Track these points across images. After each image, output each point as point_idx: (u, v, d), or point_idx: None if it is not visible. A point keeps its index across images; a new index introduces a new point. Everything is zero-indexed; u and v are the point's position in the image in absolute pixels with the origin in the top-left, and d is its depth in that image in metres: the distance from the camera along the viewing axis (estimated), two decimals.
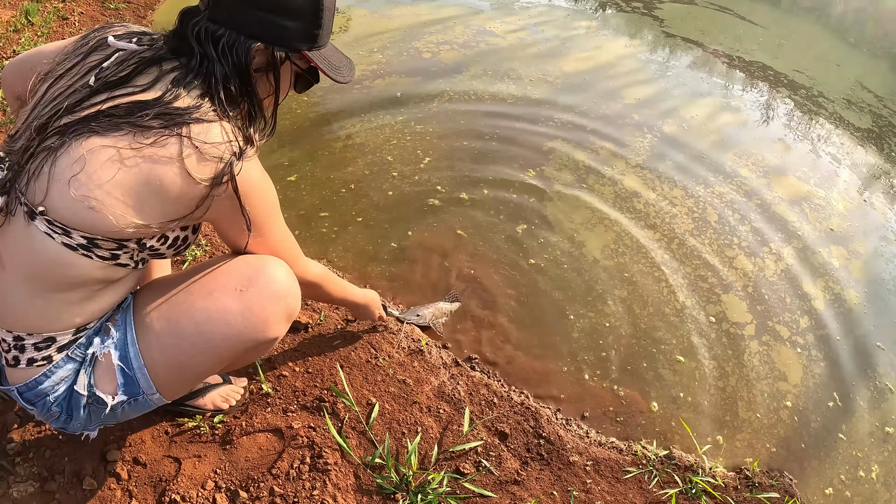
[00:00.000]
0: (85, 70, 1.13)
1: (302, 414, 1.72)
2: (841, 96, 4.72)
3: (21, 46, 3.41)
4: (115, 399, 1.23)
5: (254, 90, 1.20)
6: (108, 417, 1.28)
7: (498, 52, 4.31)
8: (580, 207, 2.94)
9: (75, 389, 1.22)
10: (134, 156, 1.04)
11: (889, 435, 2.26)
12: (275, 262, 1.27)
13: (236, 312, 1.20)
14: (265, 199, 1.24)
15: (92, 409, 1.25)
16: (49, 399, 1.22)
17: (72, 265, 1.08)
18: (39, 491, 1.51)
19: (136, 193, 1.05)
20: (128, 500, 1.53)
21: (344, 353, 1.92)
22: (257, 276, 1.23)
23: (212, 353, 1.24)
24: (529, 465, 1.76)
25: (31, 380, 1.20)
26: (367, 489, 1.59)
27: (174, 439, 1.65)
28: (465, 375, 1.97)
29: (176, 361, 1.24)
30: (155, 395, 1.26)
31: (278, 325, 1.27)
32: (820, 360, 2.46)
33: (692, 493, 1.80)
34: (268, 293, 1.23)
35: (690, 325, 2.45)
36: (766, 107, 4.33)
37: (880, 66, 5.55)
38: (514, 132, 3.43)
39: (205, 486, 1.56)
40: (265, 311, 1.23)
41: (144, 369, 1.22)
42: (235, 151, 1.11)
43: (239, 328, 1.21)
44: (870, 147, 4.12)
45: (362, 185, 2.87)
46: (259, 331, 1.23)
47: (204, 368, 1.28)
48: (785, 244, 2.98)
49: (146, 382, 1.23)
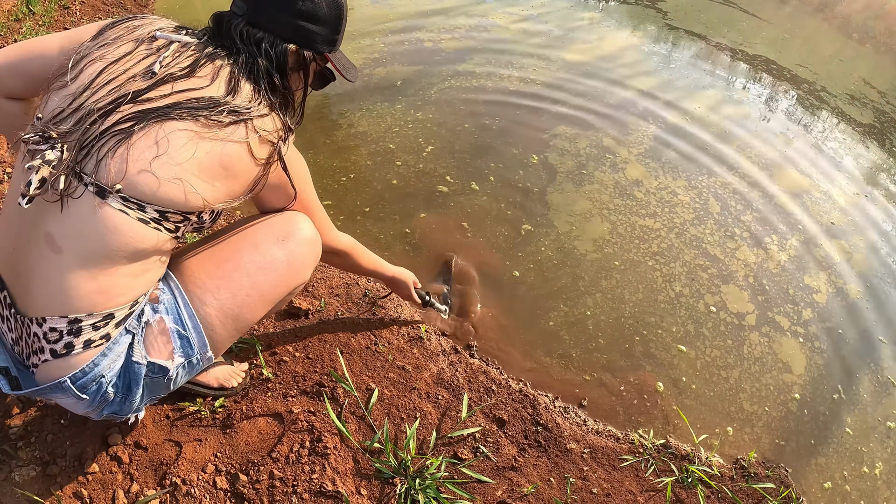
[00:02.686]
0: (140, 58, 1.20)
1: (302, 399, 1.73)
2: (844, 91, 4.72)
3: (22, 36, 3.39)
4: (175, 362, 1.30)
5: (288, 85, 1.36)
6: (163, 387, 1.34)
7: (500, 42, 4.31)
8: (581, 196, 2.95)
9: (133, 361, 1.24)
10: (210, 139, 1.17)
11: (892, 430, 2.28)
12: (301, 216, 1.46)
13: (283, 260, 1.38)
14: (302, 175, 1.45)
15: (148, 380, 1.27)
16: (105, 379, 1.22)
17: (142, 238, 1.14)
18: (41, 475, 1.51)
19: (212, 171, 1.18)
20: (129, 483, 1.54)
21: (344, 340, 1.93)
22: (292, 227, 1.42)
23: (263, 300, 1.38)
24: (527, 452, 1.78)
25: (89, 362, 1.19)
26: (366, 473, 1.61)
27: (175, 423, 1.66)
28: (463, 363, 1.98)
29: (232, 314, 1.34)
30: (208, 353, 1.34)
31: (310, 270, 1.48)
32: (823, 352, 2.48)
33: (688, 482, 1.82)
34: (303, 240, 1.43)
35: (690, 314, 2.47)
36: (768, 100, 4.34)
37: (884, 62, 5.55)
38: (516, 120, 3.44)
39: (205, 470, 1.57)
40: (304, 257, 1.43)
41: (200, 327, 1.30)
42: (283, 136, 1.28)
43: (285, 273, 1.39)
44: (871, 142, 4.13)
45: (365, 174, 2.88)
46: (301, 275, 1.44)
47: (256, 316, 1.40)
48: (787, 236, 3.00)
49: (201, 341, 1.31)
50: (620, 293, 2.50)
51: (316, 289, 2.12)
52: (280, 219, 1.44)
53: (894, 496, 2.08)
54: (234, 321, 1.36)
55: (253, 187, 1.29)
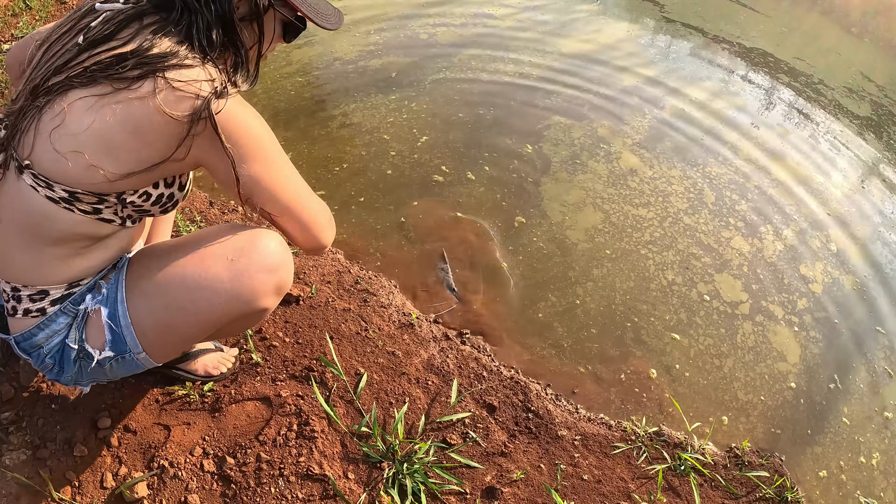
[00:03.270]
0: (75, 32, 1.14)
1: (290, 383, 1.73)
2: (841, 84, 4.70)
3: (19, 30, 3.42)
4: (102, 354, 1.26)
5: (239, 39, 1.18)
6: (96, 373, 1.31)
7: (496, 33, 4.29)
8: (574, 185, 2.94)
9: (67, 343, 1.26)
10: (109, 102, 1.05)
11: (889, 420, 2.27)
12: (268, 234, 1.29)
13: (225, 281, 1.22)
14: (252, 135, 1.17)
15: (82, 363, 1.28)
16: (43, 350, 1.27)
17: (56, 219, 1.11)
18: (31, 458, 1.53)
19: (111, 140, 1.06)
20: (117, 466, 1.55)
21: (334, 325, 1.93)
22: (250, 247, 1.25)
23: (199, 318, 1.25)
24: (517, 438, 1.77)
25: (27, 330, 1.25)
26: (354, 457, 1.60)
27: (164, 407, 1.66)
28: (454, 349, 1.97)
29: (163, 323, 1.26)
30: (141, 354, 1.28)
31: (267, 298, 1.28)
32: (818, 342, 2.47)
33: (681, 470, 1.81)
34: (259, 265, 1.24)
35: (683, 303, 2.46)
36: (765, 92, 4.32)
37: (882, 56, 5.53)
38: (511, 111, 3.43)
39: (193, 453, 1.57)
40: (254, 282, 1.24)
41: (131, 328, 1.24)
42: (215, 90, 1.09)
43: (227, 297, 1.23)
44: (868, 135, 4.11)
45: (359, 164, 2.87)
46: (246, 301, 1.25)
47: (191, 333, 1.30)
48: (783, 227, 2.99)
49: (133, 341, 1.26)
50: (612, 281, 2.50)
51: (307, 275, 2.12)
52: (240, 234, 1.28)
53: (891, 486, 2.07)
54: (166, 331, 1.28)
55: (176, 149, 1.09)
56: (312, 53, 3.78)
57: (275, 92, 3.34)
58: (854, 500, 1.99)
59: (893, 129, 4.28)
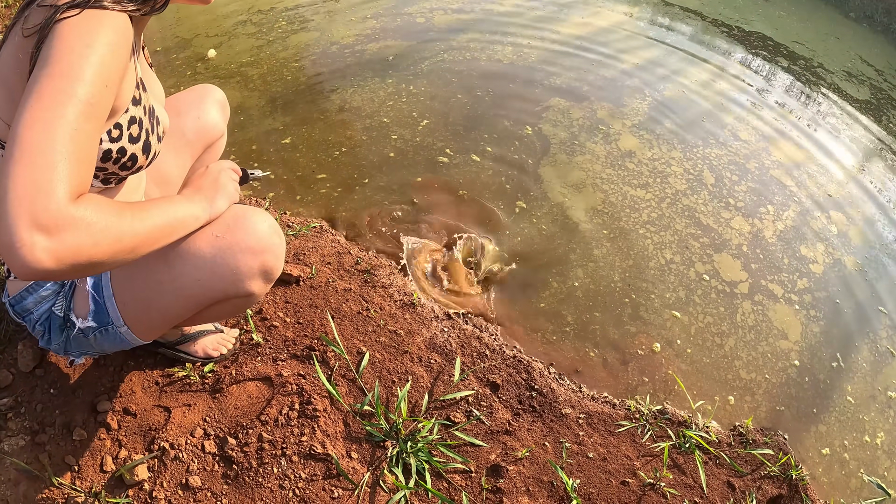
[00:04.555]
0: None
1: (292, 362, 1.70)
2: (840, 68, 4.69)
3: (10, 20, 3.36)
4: (84, 323, 1.23)
5: None
6: (82, 343, 1.29)
7: (493, 17, 4.26)
8: (574, 166, 2.93)
9: (53, 311, 1.24)
10: (9, 41, 0.94)
11: (893, 399, 2.27)
12: (258, 213, 1.21)
13: (207, 258, 1.15)
14: (69, 45, 0.86)
15: (68, 331, 1.26)
16: (33, 316, 1.26)
17: None
18: (30, 444, 1.51)
19: (8, 83, 0.94)
20: (117, 449, 1.53)
21: (335, 305, 1.90)
22: (236, 223, 1.17)
23: (179, 294, 1.20)
24: (521, 417, 1.75)
25: (18, 293, 1.24)
26: (357, 436, 1.58)
27: (164, 389, 1.64)
28: (457, 328, 1.95)
29: (143, 296, 1.21)
30: (123, 328, 1.24)
31: (252, 281, 1.21)
32: (819, 320, 2.47)
33: (685, 448, 1.80)
34: (243, 244, 1.16)
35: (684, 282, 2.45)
36: (765, 75, 4.30)
37: (880, 40, 5.51)
38: (509, 93, 3.40)
39: (193, 434, 1.55)
40: (237, 262, 1.17)
41: (113, 300, 1.21)
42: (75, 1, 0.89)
43: (207, 274, 1.16)
44: (868, 118, 4.10)
45: (361, 149, 2.85)
46: (229, 282, 1.18)
47: (172, 310, 1.24)
48: (783, 208, 2.97)
49: (115, 313, 1.22)
50: (612, 261, 2.49)
51: (308, 256, 2.09)
52: (232, 210, 1.20)
53: (895, 466, 2.07)
54: (146, 305, 1.23)
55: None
56: (309, 39, 3.75)
57: (272, 77, 3.31)
58: (858, 478, 1.99)
59: (893, 113, 4.28)
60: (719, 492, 1.74)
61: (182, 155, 1.59)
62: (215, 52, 3.56)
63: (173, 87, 3.12)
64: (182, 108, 1.58)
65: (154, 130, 1.16)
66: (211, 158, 1.70)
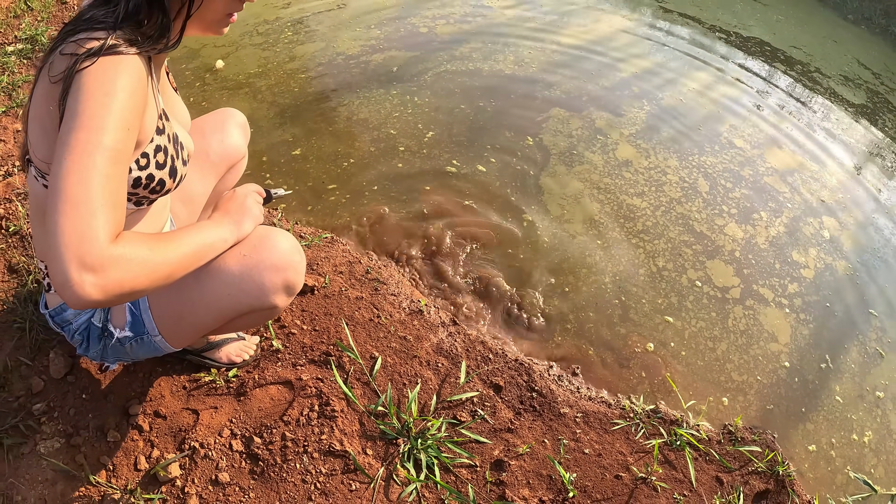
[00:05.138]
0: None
1: (310, 367, 1.88)
2: (837, 72, 4.83)
3: (22, 31, 3.48)
4: (121, 333, 1.39)
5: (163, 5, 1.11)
6: (118, 351, 1.44)
7: (495, 26, 4.41)
8: (573, 176, 3.08)
9: (92, 321, 1.40)
10: (41, 83, 1.07)
11: (880, 399, 2.41)
12: (281, 234, 1.36)
13: (235, 274, 1.30)
14: (93, 95, 0.98)
15: (105, 340, 1.42)
16: (72, 326, 1.41)
17: (42, 197, 1.21)
18: (66, 445, 1.65)
19: (42, 121, 1.08)
20: (149, 449, 1.67)
21: (348, 313, 2.07)
22: (261, 243, 1.32)
23: (210, 308, 1.34)
24: (522, 416, 1.92)
25: (59, 305, 1.39)
26: (371, 434, 1.75)
27: (192, 393, 1.80)
28: (461, 333, 2.12)
29: (176, 309, 1.36)
30: (158, 337, 1.39)
31: (276, 296, 1.35)
32: (809, 323, 2.61)
33: (676, 445, 1.96)
34: (267, 263, 1.31)
35: (676, 287, 2.61)
36: (762, 81, 4.45)
37: (878, 42, 5.65)
38: (511, 103, 3.55)
39: (221, 434, 1.71)
40: (262, 278, 1.31)
41: (149, 312, 1.37)
42: (94, 48, 1.01)
43: (235, 290, 1.31)
44: (864, 122, 4.25)
45: (369, 160, 3.00)
46: (255, 297, 1.33)
47: (203, 321, 1.38)
48: (777, 214, 3.12)
49: (150, 324, 1.38)
50: (609, 269, 2.65)
51: (321, 266, 2.26)
52: (258, 231, 1.35)
53: (881, 463, 2.21)
54: (179, 317, 1.37)
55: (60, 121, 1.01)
56: (315, 49, 3.89)
57: (280, 88, 3.46)
58: (844, 475, 2.13)
59: (888, 117, 4.42)
60: (708, 486, 1.90)
61: (207, 176, 1.75)
62: (223, 63, 3.70)
63: (183, 98, 3.25)
64: (207, 130, 1.75)
65: (179, 155, 1.29)
66: (233, 178, 1.87)
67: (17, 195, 2.32)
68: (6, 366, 1.79)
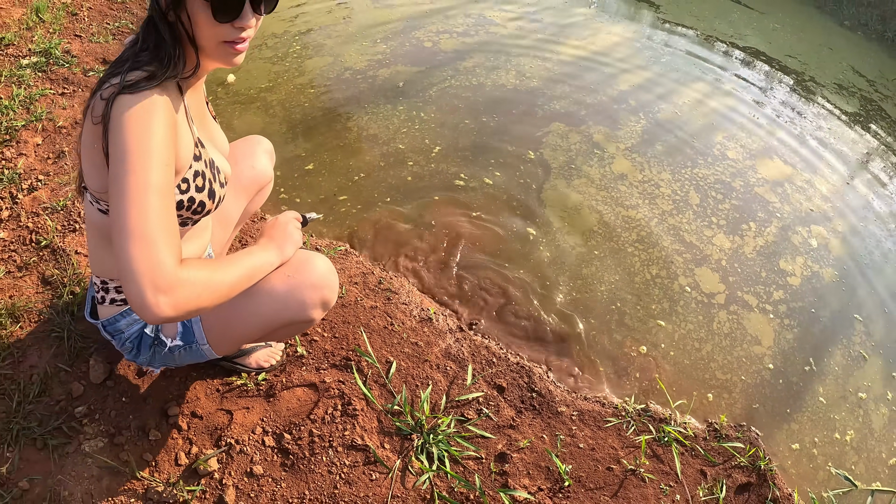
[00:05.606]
0: None
1: (332, 371, 2.12)
2: (832, 80, 5.04)
3: (35, 45, 3.58)
4: (173, 342, 1.61)
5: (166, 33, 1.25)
6: (166, 357, 1.66)
7: (497, 40, 4.63)
8: (572, 190, 3.31)
9: (144, 331, 1.61)
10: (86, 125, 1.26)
11: (862, 400, 2.61)
12: (319, 257, 1.57)
13: (280, 292, 1.51)
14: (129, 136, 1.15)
15: (156, 348, 1.63)
16: (124, 335, 1.61)
17: (99, 220, 1.41)
18: (109, 444, 1.83)
19: (91, 156, 1.27)
20: (188, 446, 1.88)
21: (364, 321, 2.32)
22: (303, 266, 1.53)
23: (256, 320, 1.56)
24: (523, 414, 2.16)
25: (112, 317, 1.59)
26: (388, 431, 2.00)
27: (225, 395, 2.02)
28: (468, 339, 2.37)
29: (226, 322, 1.58)
30: (205, 346, 1.62)
31: (314, 310, 1.57)
32: (793, 328, 2.82)
33: (664, 441, 2.20)
34: (308, 282, 1.53)
35: (667, 294, 2.84)
36: (756, 91, 4.66)
37: (874, 48, 5.85)
38: (513, 118, 3.79)
39: (254, 432, 1.94)
40: (304, 296, 1.53)
41: (200, 324, 1.59)
42: (124, 84, 1.17)
43: (281, 306, 1.53)
44: (856, 130, 4.46)
45: (379, 173, 3.22)
46: (296, 311, 1.54)
47: (248, 332, 1.61)
48: (765, 224, 3.34)
49: (200, 334, 1.60)
50: (604, 278, 2.87)
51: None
52: (300, 255, 1.56)
53: (862, 461, 2.40)
54: (228, 328, 1.59)
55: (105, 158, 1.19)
56: (323, 64, 4.11)
57: (290, 103, 3.67)
58: (825, 472, 2.33)
59: (881, 125, 4.63)
60: (692, 478, 2.13)
61: (239, 198, 1.99)
62: (234, 78, 3.91)
63: None
64: (238, 157, 1.98)
65: (216, 179, 1.47)
66: (260, 199, 2.11)
67: (45, 209, 2.52)
68: (46, 372, 1.97)
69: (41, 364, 2.00)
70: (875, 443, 2.48)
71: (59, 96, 3.26)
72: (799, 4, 6.34)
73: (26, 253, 2.35)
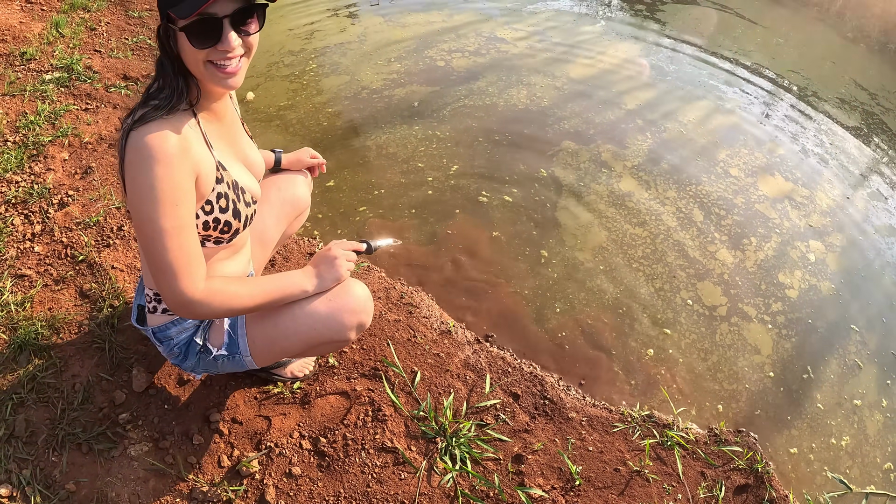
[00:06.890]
0: None
1: (362, 380, 2.35)
2: (834, 95, 5.20)
3: (57, 60, 3.75)
4: (219, 351, 1.79)
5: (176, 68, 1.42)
6: (210, 365, 1.84)
7: (508, 59, 4.84)
8: (582, 207, 3.52)
9: (193, 339, 1.80)
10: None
11: (858, 407, 2.78)
12: (358, 284, 1.75)
13: (322, 313, 1.71)
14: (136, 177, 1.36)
15: (202, 356, 1.81)
16: (173, 342, 1.80)
17: None
18: (154, 448, 1.99)
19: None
20: (230, 450, 2.07)
21: (389, 334, 2.55)
22: (343, 292, 1.73)
23: (297, 338, 1.74)
24: (536, 420, 2.39)
25: (163, 324, 1.78)
26: (415, 434, 2.23)
27: (263, 403, 2.23)
28: (485, 350, 2.60)
29: (270, 338, 1.76)
30: (248, 357, 1.79)
31: (350, 332, 1.76)
32: (791, 338, 2.99)
33: (667, 444, 2.41)
34: (347, 306, 1.72)
35: (671, 306, 3.05)
36: (759, 108, 4.83)
37: (876, 60, 6.00)
38: (525, 137, 3.99)
39: (292, 436, 2.15)
40: (343, 318, 1.71)
41: (245, 337, 1.78)
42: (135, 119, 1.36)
43: (321, 326, 1.71)
44: (856, 145, 4.62)
45: (399, 188, 3.43)
46: (335, 332, 1.73)
47: (290, 348, 1.78)
48: (766, 239, 3.52)
49: (244, 346, 1.78)
50: (612, 293, 3.08)
51: None
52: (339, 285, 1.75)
53: (857, 465, 2.54)
54: (271, 343, 1.76)
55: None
56: (340, 82, 4.32)
57: (309, 122, 3.88)
58: (822, 476, 2.50)
59: (882, 138, 4.79)
60: (693, 479, 2.33)
61: (280, 222, 2.22)
62: (253, 95, 4.12)
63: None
64: (281, 185, 2.20)
65: (241, 198, 1.63)
66: (298, 223, 2.34)
67: (77, 224, 2.69)
68: (89, 381, 2.13)
69: (83, 373, 2.18)
70: (870, 448, 2.63)
71: (82, 112, 3.45)
72: (803, 18, 6.50)
73: (62, 267, 2.52)
